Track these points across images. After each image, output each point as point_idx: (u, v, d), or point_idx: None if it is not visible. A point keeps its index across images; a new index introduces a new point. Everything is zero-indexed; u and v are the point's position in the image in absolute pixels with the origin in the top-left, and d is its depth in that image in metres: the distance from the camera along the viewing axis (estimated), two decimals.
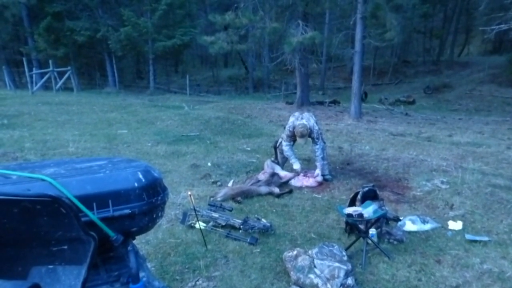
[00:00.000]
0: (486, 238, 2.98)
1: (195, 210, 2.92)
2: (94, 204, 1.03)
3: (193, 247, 2.86)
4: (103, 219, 1.04)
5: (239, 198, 3.88)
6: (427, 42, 29.11)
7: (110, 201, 1.06)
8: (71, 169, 1.14)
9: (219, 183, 4.46)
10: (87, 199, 1.02)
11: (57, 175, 1.06)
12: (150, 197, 1.13)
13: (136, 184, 1.11)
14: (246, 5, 12.40)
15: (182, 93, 20.16)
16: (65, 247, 0.90)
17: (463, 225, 3.25)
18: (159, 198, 1.17)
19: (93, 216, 1.00)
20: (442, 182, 4.33)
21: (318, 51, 15.31)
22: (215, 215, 3.22)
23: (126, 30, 18.17)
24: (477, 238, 2.98)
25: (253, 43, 13.92)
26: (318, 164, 4.54)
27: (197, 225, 3.03)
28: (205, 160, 5.45)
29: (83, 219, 0.99)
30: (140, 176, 1.13)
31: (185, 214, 3.26)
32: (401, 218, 3.37)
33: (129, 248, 1.10)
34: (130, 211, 1.08)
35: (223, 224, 3.16)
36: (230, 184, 4.42)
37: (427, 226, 3.21)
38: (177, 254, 2.76)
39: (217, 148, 6.45)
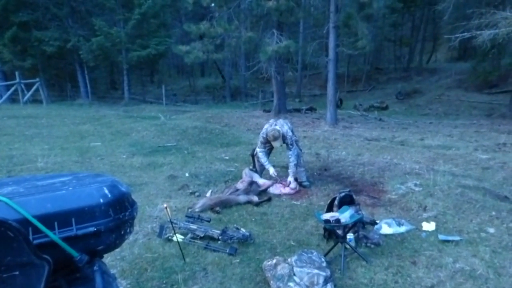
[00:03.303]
0: (457, 238, 3.09)
1: (172, 222, 2.85)
2: (56, 223, 0.98)
3: (171, 260, 2.78)
4: (66, 239, 0.98)
5: (217, 208, 3.83)
6: (398, 50, 30.32)
7: (73, 219, 1.00)
8: (31, 187, 1.08)
9: (197, 194, 4.39)
10: (47, 218, 0.97)
11: (14, 194, 1.00)
12: (117, 213, 1.09)
13: (101, 200, 1.06)
14: (221, 14, 12.48)
15: (158, 103, 19.86)
16: (17, 272, 0.84)
17: (436, 225, 3.35)
18: (127, 213, 1.13)
19: (54, 236, 0.95)
20: (416, 185, 4.46)
21: (293, 59, 15.60)
22: (193, 226, 3.16)
23: (98, 40, 17.77)
24: (450, 238, 3.08)
25: (229, 52, 14.00)
26: (290, 170, 4.56)
27: (174, 238, 2.96)
28: (183, 171, 5.36)
29: (43, 239, 0.93)
30: (106, 191, 1.09)
31: (162, 227, 3.17)
32: (377, 221, 3.44)
33: (95, 267, 1.05)
34: (95, 229, 1.03)
35: (202, 235, 3.10)
36: (208, 194, 4.37)
37: (403, 229, 3.29)
38: (154, 269, 2.67)
39: (195, 158, 6.38)
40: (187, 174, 5.16)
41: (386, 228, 3.29)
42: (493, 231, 3.23)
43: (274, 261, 2.54)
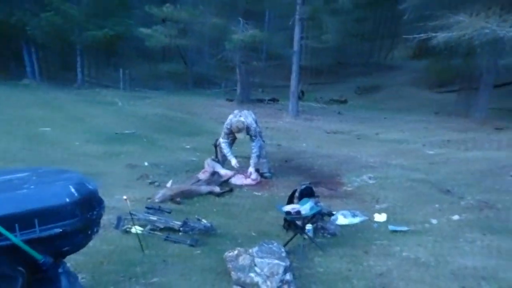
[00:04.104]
0: (405, 228, 3.33)
1: (131, 213, 2.77)
2: (17, 226, 0.91)
3: (129, 253, 2.71)
4: (28, 241, 0.92)
5: (178, 199, 3.79)
6: (359, 46, 31.33)
7: (36, 221, 0.94)
8: None
9: (157, 184, 4.30)
10: (7, 220, 0.90)
11: None
12: (85, 213, 1.04)
13: (67, 200, 1.00)
14: None
15: (115, 88, 18.85)
16: None
17: (387, 217, 3.59)
18: (95, 212, 1.08)
19: (15, 239, 0.89)
20: (370, 178, 4.73)
21: (259, 49, 15.57)
22: (153, 218, 3.09)
23: (48, 16, 16.31)
24: (398, 228, 3.32)
25: (193, 38, 13.62)
26: (251, 161, 4.61)
27: (133, 230, 2.88)
28: (142, 160, 5.20)
29: (4, 242, 0.87)
30: (73, 190, 1.02)
31: (119, 219, 3.07)
32: (334, 212, 3.60)
33: (60, 269, 1.00)
34: (61, 230, 0.98)
35: (162, 227, 3.05)
36: (169, 184, 4.28)
37: (357, 220, 3.48)
38: (111, 262, 2.59)
39: (155, 146, 6.21)
40: (146, 163, 5.02)
41: (342, 219, 3.46)
42: (435, 222, 3.52)
43: (236, 252, 2.57)
